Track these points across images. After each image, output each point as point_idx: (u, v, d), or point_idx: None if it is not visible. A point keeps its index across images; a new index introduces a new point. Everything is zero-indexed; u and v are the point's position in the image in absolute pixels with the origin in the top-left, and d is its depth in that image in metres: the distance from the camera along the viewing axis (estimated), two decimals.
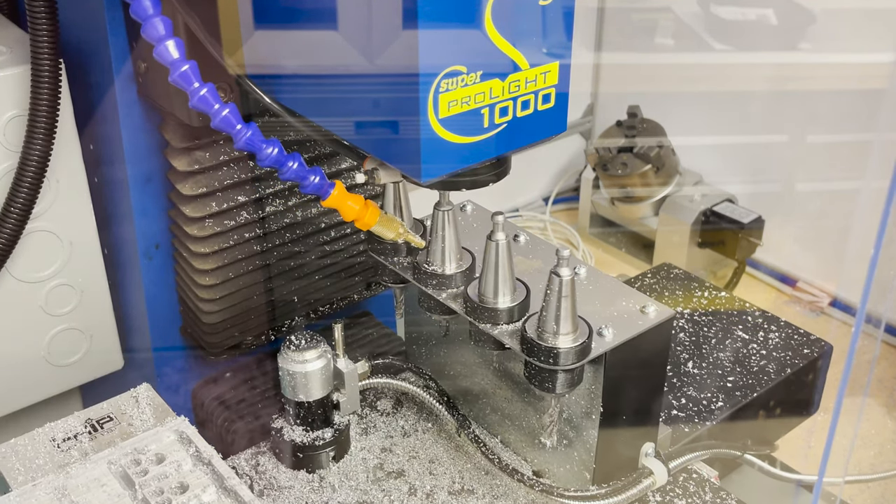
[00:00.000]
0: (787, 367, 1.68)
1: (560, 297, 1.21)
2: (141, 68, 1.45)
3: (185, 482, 1.21)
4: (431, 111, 1.09)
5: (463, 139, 1.13)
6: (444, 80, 1.08)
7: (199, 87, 1.17)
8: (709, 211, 2.98)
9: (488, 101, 1.13)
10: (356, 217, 1.34)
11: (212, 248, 1.55)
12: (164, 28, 1.16)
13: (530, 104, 1.18)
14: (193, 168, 1.50)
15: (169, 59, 1.16)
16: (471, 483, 1.43)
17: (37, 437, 1.32)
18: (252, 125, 1.21)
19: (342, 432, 1.46)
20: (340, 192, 1.31)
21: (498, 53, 1.12)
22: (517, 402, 1.47)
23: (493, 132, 1.16)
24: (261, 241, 1.60)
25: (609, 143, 3.04)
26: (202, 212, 1.52)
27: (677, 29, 3.15)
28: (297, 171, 1.26)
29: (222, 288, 1.59)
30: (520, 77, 1.15)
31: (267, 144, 1.22)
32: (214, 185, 1.52)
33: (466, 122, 1.13)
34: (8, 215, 1.48)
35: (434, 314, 1.42)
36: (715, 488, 1.43)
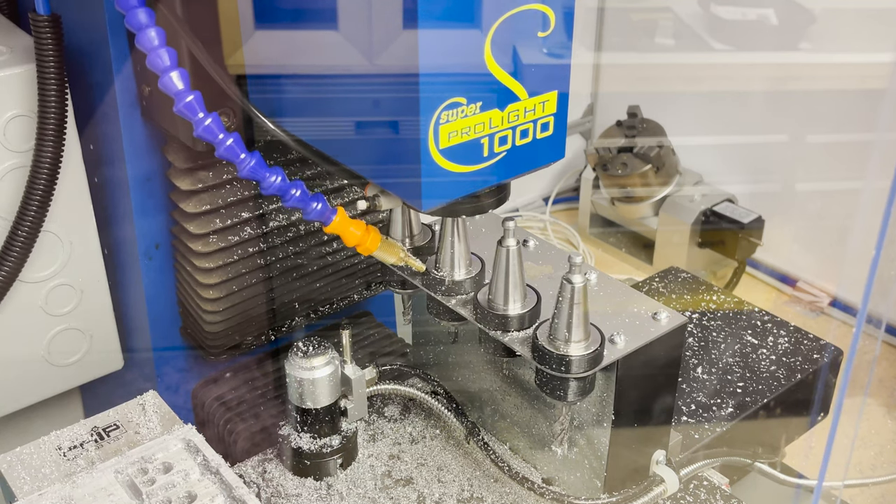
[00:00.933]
0: (797, 372, 1.67)
1: (572, 304, 1.20)
2: (145, 92, 1.45)
3: (192, 491, 1.20)
4: (432, 142, 1.10)
5: (463, 168, 1.15)
6: (444, 112, 1.09)
7: (204, 118, 1.19)
8: (709, 211, 2.98)
9: (488, 130, 1.15)
10: (358, 242, 1.34)
11: (216, 262, 1.54)
12: (169, 59, 1.18)
13: (529, 133, 1.20)
14: (197, 187, 1.50)
15: (174, 90, 1.18)
16: (480, 491, 1.42)
17: (43, 446, 1.31)
18: (256, 154, 1.23)
19: (350, 439, 1.44)
20: (342, 218, 1.32)
21: (497, 85, 1.13)
22: (526, 408, 1.45)
23: (492, 161, 1.18)
24: (264, 255, 1.60)
25: (609, 143, 3.03)
26: (206, 228, 1.52)
27: (677, 29, 3.14)
28: (299, 198, 1.26)
29: (226, 301, 1.59)
30: (519, 107, 1.17)
31: (270, 173, 1.24)
32: (218, 203, 1.52)
33: (466, 151, 1.14)
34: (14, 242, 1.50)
35: (443, 320, 1.41)
36: (726, 496, 1.43)
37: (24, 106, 1.48)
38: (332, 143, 1.26)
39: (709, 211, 2.97)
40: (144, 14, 1.19)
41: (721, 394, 1.61)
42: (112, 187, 1.59)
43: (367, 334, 1.86)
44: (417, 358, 1.65)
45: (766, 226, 2.96)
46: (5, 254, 1.49)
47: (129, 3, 1.19)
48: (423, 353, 1.63)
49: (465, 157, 1.14)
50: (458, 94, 1.10)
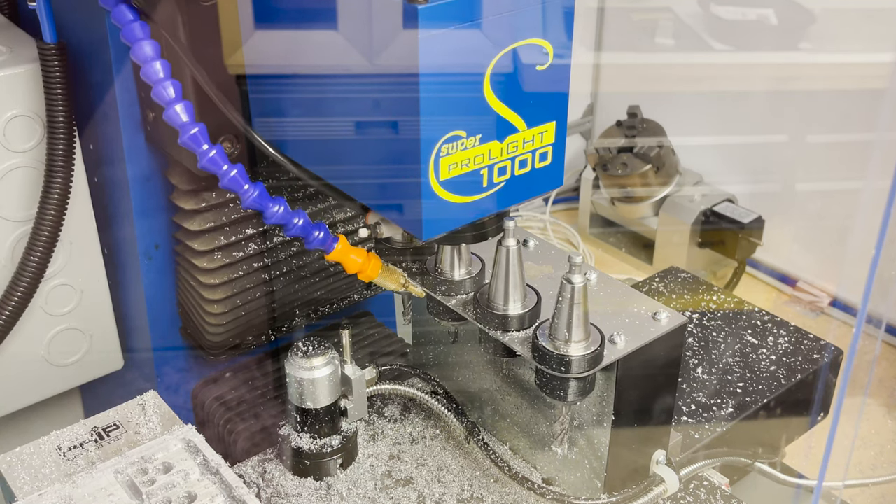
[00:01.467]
0: (797, 372, 1.66)
1: (572, 304, 1.20)
2: (149, 117, 1.47)
3: (192, 492, 1.20)
4: (432, 174, 1.12)
5: (462, 199, 1.17)
6: (444, 145, 1.11)
7: (209, 150, 1.22)
8: (709, 211, 2.98)
9: (487, 162, 1.17)
10: (359, 270, 1.37)
11: (221, 279, 1.56)
12: (175, 91, 1.20)
13: (528, 163, 1.21)
14: (201, 206, 1.51)
15: (178, 122, 1.21)
16: (480, 491, 1.42)
17: (42, 446, 1.31)
18: (259, 185, 1.25)
19: (350, 439, 1.44)
20: (344, 246, 1.35)
21: (496, 117, 1.15)
22: (526, 408, 1.45)
23: (491, 191, 1.19)
24: (268, 270, 1.61)
25: (609, 143, 3.03)
26: (211, 245, 1.53)
27: (677, 29, 3.14)
28: (301, 227, 1.30)
29: (230, 314, 1.59)
30: (518, 138, 1.18)
31: (273, 203, 1.27)
32: (222, 220, 1.53)
33: (466, 182, 1.16)
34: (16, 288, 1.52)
35: (443, 320, 1.41)
36: (726, 496, 1.43)
37: (25, 106, 1.48)
38: (335, 171, 1.28)
39: (709, 211, 2.97)
40: (150, 46, 1.21)
41: (721, 394, 1.61)
42: (112, 187, 1.59)
43: (367, 334, 1.86)
44: (417, 358, 1.65)
45: (766, 226, 2.96)
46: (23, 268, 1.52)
47: (134, 36, 1.20)
48: (423, 353, 1.63)
49: (465, 188, 1.16)
50: (458, 128, 1.12)
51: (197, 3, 1.34)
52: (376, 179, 1.22)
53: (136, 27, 1.22)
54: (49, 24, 1.42)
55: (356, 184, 1.25)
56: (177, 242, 1.57)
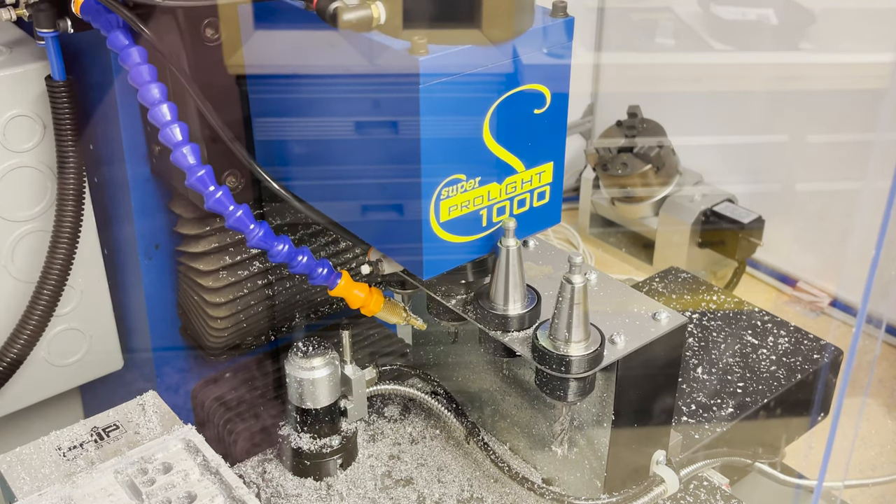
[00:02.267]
0: (798, 372, 1.66)
1: (572, 304, 1.19)
2: (155, 151, 1.49)
3: (192, 492, 1.20)
4: (433, 216, 1.15)
5: (462, 238, 1.20)
6: (444, 189, 1.14)
7: (215, 191, 1.24)
8: (709, 211, 2.98)
9: (486, 203, 1.20)
10: (362, 305, 1.41)
11: (226, 297, 1.57)
12: (182, 134, 1.23)
13: (526, 202, 1.25)
14: (205, 230, 1.52)
15: (185, 165, 1.23)
16: (480, 491, 1.42)
17: (42, 446, 1.31)
18: (264, 224, 1.28)
19: (350, 439, 1.44)
20: (347, 282, 1.38)
21: (495, 160, 1.18)
22: (526, 408, 1.45)
23: (491, 230, 1.23)
24: (273, 286, 1.63)
25: (609, 143, 3.03)
26: (216, 265, 1.54)
27: (677, 29, 3.14)
28: (306, 264, 1.33)
29: (232, 319, 1.60)
30: (516, 179, 1.22)
31: (278, 242, 1.29)
32: (226, 241, 1.54)
33: (465, 223, 1.19)
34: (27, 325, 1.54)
35: (443, 320, 1.41)
36: (726, 496, 1.42)
37: (25, 106, 1.48)
38: (338, 210, 1.31)
39: (709, 211, 2.97)
40: (157, 89, 1.23)
41: (721, 394, 1.61)
42: (112, 187, 1.59)
43: (367, 334, 1.86)
44: (417, 358, 1.65)
45: (766, 226, 2.95)
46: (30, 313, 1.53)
47: (141, 79, 1.21)
48: (423, 353, 1.63)
49: (465, 229, 1.19)
50: (459, 171, 1.14)
51: (202, 42, 1.36)
52: (379, 219, 1.24)
53: (144, 70, 1.23)
54: (58, 61, 1.43)
55: (359, 222, 1.29)
56: (180, 254, 1.57)
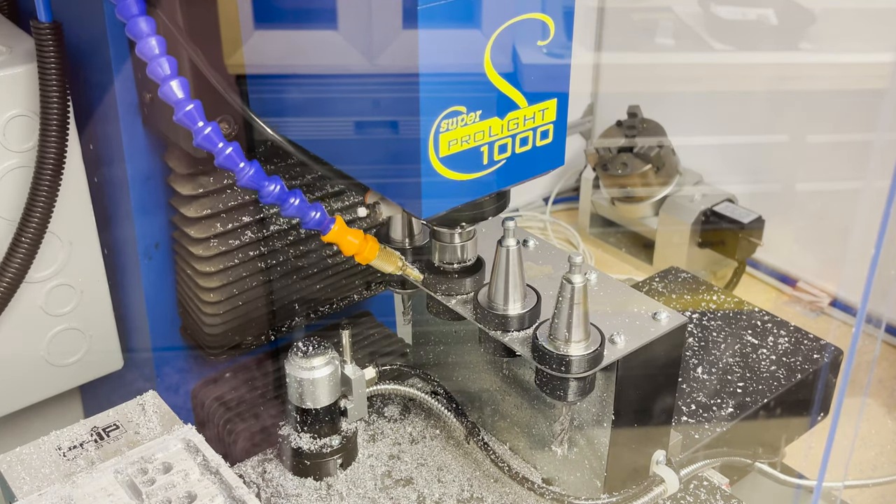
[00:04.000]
0: (798, 372, 1.66)
1: (572, 304, 1.20)
2: (146, 99, 1.46)
3: (192, 492, 1.20)
4: (432, 151, 1.11)
5: (462, 176, 1.16)
6: (444, 121, 1.10)
7: (204, 127, 1.21)
8: (709, 211, 2.98)
9: (487, 139, 1.16)
10: (356, 252, 1.36)
11: (217, 266, 1.55)
12: (170, 67, 1.19)
13: (529, 140, 1.20)
14: (198, 192, 1.50)
15: (174, 99, 1.19)
16: (480, 491, 1.42)
17: (42, 446, 1.31)
18: (255, 163, 1.24)
19: (350, 439, 1.44)
20: (341, 227, 1.33)
21: (497, 93, 1.14)
22: (526, 408, 1.45)
23: (492, 168, 1.19)
24: (265, 258, 1.60)
25: (609, 143, 3.03)
26: (207, 232, 1.52)
27: (677, 29, 3.14)
28: (298, 207, 1.28)
29: (226, 304, 1.59)
30: (518, 115, 1.18)
31: (269, 182, 1.25)
32: (219, 207, 1.52)
33: (466, 160, 1.15)
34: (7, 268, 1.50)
35: (443, 320, 1.41)
36: (726, 496, 1.42)
37: (25, 106, 1.48)
38: (332, 150, 1.27)
39: (709, 211, 2.97)
40: (145, 23, 1.20)
41: (721, 394, 1.61)
42: (112, 187, 1.59)
43: (367, 334, 1.86)
44: (417, 358, 1.65)
45: (766, 226, 2.95)
46: (10, 258, 1.50)
47: (129, 12, 1.20)
48: (423, 353, 1.63)
49: (465, 166, 1.15)
50: (458, 103, 1.10)
51: None
52: (375, 157, 1.20)
53: (132, 4, 1.20)
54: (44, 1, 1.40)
55: (355, 162, 1.24)
56: (174, 228, 1.56)
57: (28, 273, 1.56)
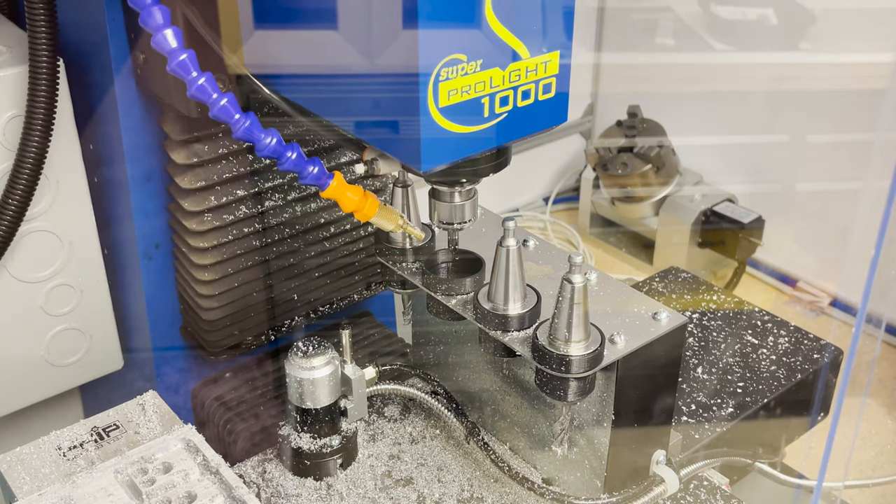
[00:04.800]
0: (798, 372, 1.66)
1: (572, 304, 1.19)
2: (139, 59, 1.43)
3: (192, 491, 1.20)
4: (431, 100, 1.08)
5: (463, 129, 1.12)
6: (443, 69, 1.07)
7: (198, 77, 1.17)
8: (709, 211, 2.98)
9: (489, 90, 1.12)
10: (355, 208, 1.32)
11: (210, 242, 1.53)
12: (163, 17, 1.15)
13: (531, 94, 1.17)
14: (192, 161, 1.48)
15: (167, 48, 1.15)
16: (480, 491, 1.42)
17: (42, 446, 1.31)
18: (250, 114, 1.20)
19: (350, 439, 1.44)
20: (339, 182, 1.29)
21: (499, 42, 1.11)
22: (526, 408, 1.45)
23: (493, 122, 1.15)
24: (260, 237, 1.59)
25: (609, 143, 3.03)
26: (201, 206, 1.51)
27: (677, 29, 3.14)
28: (295, 161, 1.24)
29: (221, 283, 1.58)
30: (520, 66, 1.14)
31: (265, 134, 1.21)
32: (213, 179, 1.51)
33: (466, 111, 1.12)
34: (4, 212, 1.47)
35: (443, 320, 1.41)
36: (726, 496, 1.42)
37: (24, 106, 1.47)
38: (329, 105, 1.23)
39: (709, 211, 2.97)
40: None
41: (721, 394, 1.61)
42: (112, 187, 1.59)
43: (367, 334, 1.86)
44: (417, 358, 1.65)
45: (766, 226, 2.95)
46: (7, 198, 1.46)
47: None
48: (423, 353, 1.63)
49: (466, 117, 1.12)
50: (459, 51, 1.07)
51: None
52: (373, 109, 1.17)
53: None
54: None
55: (351, 115, 1.20)
56: (170, 199, 1.55)
57: (29, 273, 1.56)
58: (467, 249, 1.42)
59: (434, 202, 1.34)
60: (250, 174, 1.54)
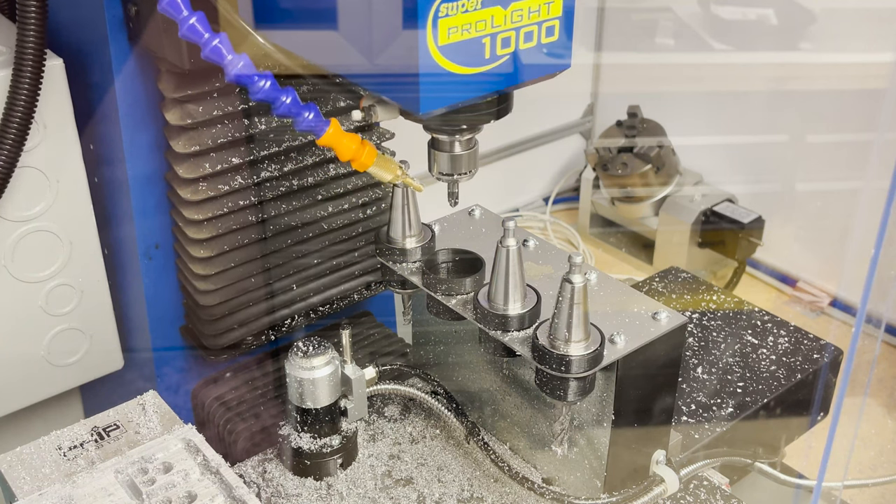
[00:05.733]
0: (798, 372, 1.66)
1: (572, 304, 1.19)
2: (131, 12, 1.41)
3: (192, 491, 1.20)
4: (430, 37, 1.05)
5: (463, 69, 1.09)
6: (443, 4, 1.04)
7: (189, 16, 1.14)
8: (709, 211, 2.98)
9: (490, 30, 1.09)
10: (352, 157, 1.28)
11: (205, 214, 1.51)
12: None
13: (533, 36, 1.13)
14: (186, 122, 1.46)
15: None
16: (480, 491, 1.42)
17: (43, 446, 1.31)
18: (244, 56, 1.16)
19: (350, 439, 1.44)
20: (336, 129, 1.25)
21: None
22: (526, 408, 1.45)
23: (494, 64, 1.12)
24: (256, 211, 1.57)
25: (609, 143, 3.03)
26: (196, 173, 1.49)
27: (677, 29, 3.14)
28: (290, 105, 1.20)
29: (218, 263, 1.57)
30: (522, 6, 1.11)
31: (259, 77, 1.17)
32: (208, 144, 1.48)
33: (467, 51, 1.08)
34: None
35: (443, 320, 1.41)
36: (726, 496, 1.42)
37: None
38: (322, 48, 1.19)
39: (709, 211, 2.98)
40: None
41: (721, 394, 1.61)
42: (112, 187, 1.59)
43: (367, 334, 1.86)
44: (417, 358, 1.65)
45: (766, 226, 2.96)
46: None
47: None
48: (424, 353, 1.63)
49: (466, 58, 1.09)
50: None
51: None
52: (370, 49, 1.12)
53: None
54: None
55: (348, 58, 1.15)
56: (167, 168, 1.53)
57: (29, 273, 1.56)
58: (467, 249, 1.42)
59: (433, 153, 1.30)
60: (246, 140, 1.52)
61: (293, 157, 1.59)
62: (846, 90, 2.71)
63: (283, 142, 1.56)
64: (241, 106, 1.50)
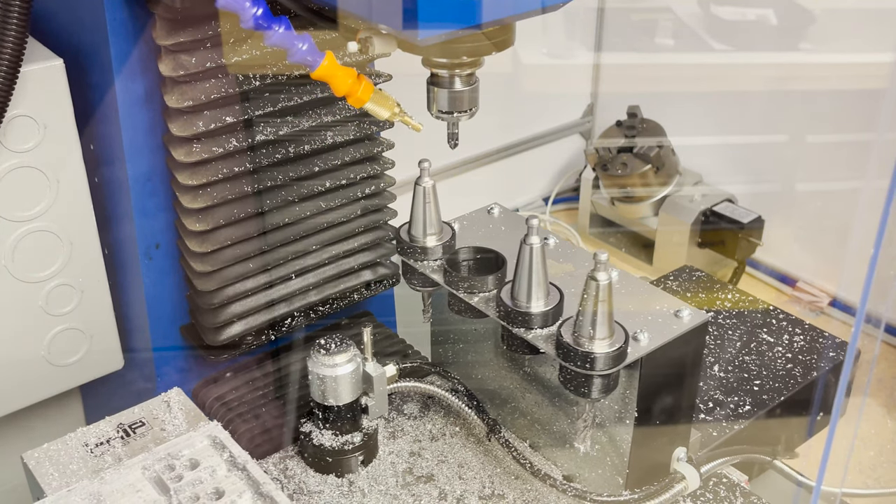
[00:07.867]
0: (813, 370, 1.67)
1: (597, 301, 1.20)
2: None
3: (220, 488, 1.20)
4: None
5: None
6: None
7: None
8: (709, 211, 2.99)
9: None
10: (348, 92, 1.23)
11: (199, 181, 1.47)
12: None
13: None
14: (179, 74, 1.40)
15: None
16: (501, 488, 1.42)
17: (69, 442, 1.31)
18: None
19: (371, 436, 1.44)
20: (331, 62, 1.20)
21: None
22: (546, 405, 1.46)
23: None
24: (252, 180, 1.52)
25: (609, 143, 3.04)
26: (189, 131, 1.43)
27: (677, 29, 3.15)
28: (283, 35, 1.15)
29: (213, 240, 1.53)
30: None
31: (252, 4, 1.12)
32: (201, 99, 1.42)
33: None
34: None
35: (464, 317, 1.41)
36: (745, 493, 1.43)
37: (24, 106, 1.46)
38: None
39: (709, 211, 2.99)
40: None
41: (737, 391, 1.62)
42: (112, 187, 1.59)
43: None
44: (437, 356, 1.65)
45: (766, 226, 2.97)
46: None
47: None
48: (442, 351, 1.63)
49: None
50: None
51: None
52: None
53: None
54: None
55: None
56: (164, 130, 1.49)
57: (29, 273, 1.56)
58: (488, 247, 1.43)
59: (433, 90, 1.26)
60: (240, 98, 1.47)
61: (289, 120, 1.54)
62: (846, 90, 2.73)
63: (278, 101, 1.50)
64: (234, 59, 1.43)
